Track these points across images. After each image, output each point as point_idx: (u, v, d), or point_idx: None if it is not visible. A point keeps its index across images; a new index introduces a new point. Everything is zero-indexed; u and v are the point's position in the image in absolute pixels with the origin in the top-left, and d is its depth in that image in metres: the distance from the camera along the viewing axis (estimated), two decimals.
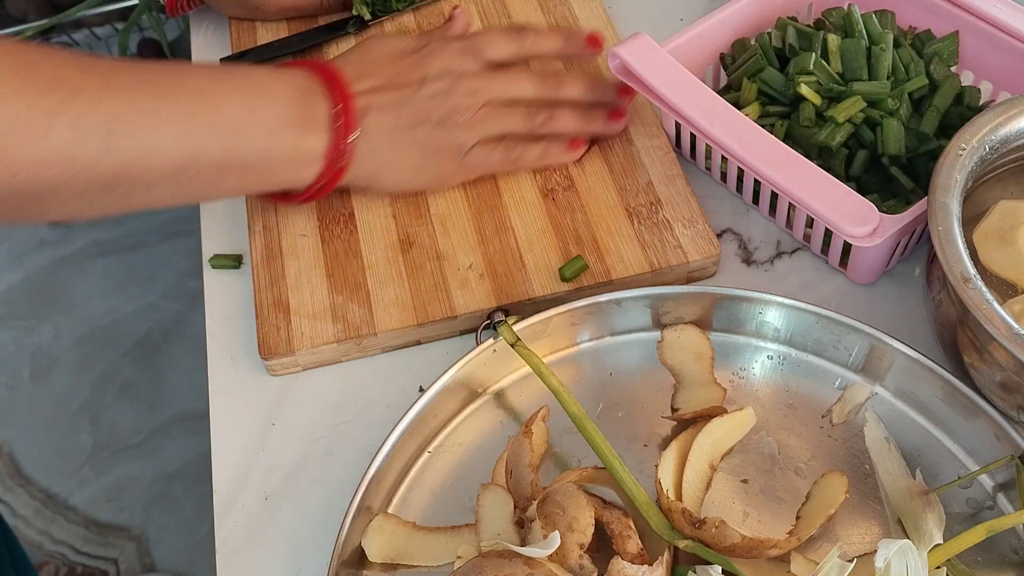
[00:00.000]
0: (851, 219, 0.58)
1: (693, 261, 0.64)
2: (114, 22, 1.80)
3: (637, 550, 0.49)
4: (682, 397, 0.59)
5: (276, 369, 0.63)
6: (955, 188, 0.55)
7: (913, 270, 0.66)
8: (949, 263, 0.52)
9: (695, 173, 0.71)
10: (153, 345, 1.78)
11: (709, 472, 0.55)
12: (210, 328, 0.66)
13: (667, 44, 0.68)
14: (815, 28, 0.70)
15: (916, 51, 0.67)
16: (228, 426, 0.61)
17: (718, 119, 0.63)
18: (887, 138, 0.63)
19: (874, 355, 0.57)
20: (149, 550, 1.55)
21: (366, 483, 0.53)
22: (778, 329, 0.60)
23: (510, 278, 0.64)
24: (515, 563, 0.47)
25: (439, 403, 0.57)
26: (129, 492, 1.61)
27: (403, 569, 0.54)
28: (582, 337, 0.62)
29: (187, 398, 1.70)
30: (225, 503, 0.58)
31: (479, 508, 0.52)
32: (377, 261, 0.66)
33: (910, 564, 0.46)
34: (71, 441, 1.67)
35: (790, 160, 0.61)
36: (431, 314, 0.63)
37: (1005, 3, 0.67)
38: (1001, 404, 0.54)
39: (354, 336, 0.62)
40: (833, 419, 0.58)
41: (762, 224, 0.69)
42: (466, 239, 0.66)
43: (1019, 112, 0.58)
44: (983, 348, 0.53)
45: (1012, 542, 0.53)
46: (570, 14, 0.80)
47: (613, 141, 0.71)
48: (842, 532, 0.54)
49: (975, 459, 0.55)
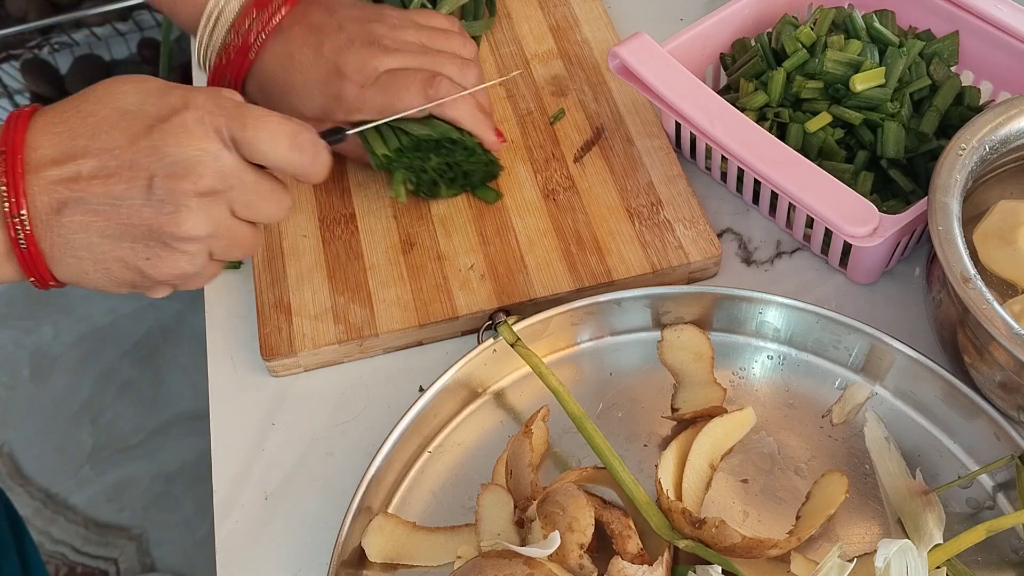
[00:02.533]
0: (851, 219, 0.58)
1: (694, 261, 0.64)
2: (114, 22, 1.80)
3: (637, 550, 0.49)
4: (682, 397, 0.59)
5: (278, 370, 0.63)
6: (955, 188, 0.55)
7: (913, 270, 0.66)
8: (949, 263, 0.52)
9: (695, 173, 0.71)
10: (153, 345, 1.78)
11: (709, 472, 0.55)
12: (210, 328, 0.66)
13: (667, 44, 0.68)
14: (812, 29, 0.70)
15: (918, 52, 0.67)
16: (228, 426, 0.61)
17: (718, 119, 0.63)
18: (886, 141, 0.64)
19: (874, 355, 0.58)
20: (149, 550, 1.55)
21: (366, 483, 0.53)
22: (778, 329, 0.60)
23: (511, 279, 0.64)
24: (515, 563, 0.47)
25: (439, 403, 0.57)
26: (129, 492, 1.60)
27: (403, 569, 0.54)
28: (582, 337, 0.62)
29: (187, 398, 1.70)
30: (225, 503, 0.58)
31: (479, 508, 0.52)
32: (378, 262, 0.66)
33: (910, 564, 0.46)
34: (71, 441, 1.67)
35: (790, 160, 0.61)
36: (432, 315, 0.63)
37: (1005, 3, 0.67)
38: (1001, 404, 0.54)
39: (356, 337, 0.62)
40: (833, 419, 0.58)
41: (762, 224, 0.69)
42: (467, 240, 0.66)
43: (1019, 112, 0.58)
44: (983, 348, 0.53)
45: (1012, 542, 0.53)
46: (570, 14, 0.80)
47: (614, 141, 0.71)
48: (842, 532, 0.54)
49: (975, 459, 0.55)
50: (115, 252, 0.49)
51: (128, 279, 0.50)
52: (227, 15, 0.63)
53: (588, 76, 0.76)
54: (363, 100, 0.62)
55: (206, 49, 0.64)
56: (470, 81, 0.65)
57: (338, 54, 0.62)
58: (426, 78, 0.62)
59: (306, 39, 0.63)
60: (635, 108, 0.73)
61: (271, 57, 0.64)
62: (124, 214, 0.48)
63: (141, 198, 0.48)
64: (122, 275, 0.50)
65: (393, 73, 0.63)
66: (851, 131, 0.66)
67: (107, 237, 0.48)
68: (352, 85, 0.62)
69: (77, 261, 0.49)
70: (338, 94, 0.62)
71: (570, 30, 0.79)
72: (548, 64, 0.77)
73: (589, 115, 0.73)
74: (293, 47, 0.63)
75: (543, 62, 0.77)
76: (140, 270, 0.50)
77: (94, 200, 0.47)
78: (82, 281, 0.50)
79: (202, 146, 0.49)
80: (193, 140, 0.48)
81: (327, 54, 0.63)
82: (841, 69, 0.65)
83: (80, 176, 0.47)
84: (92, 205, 0.48)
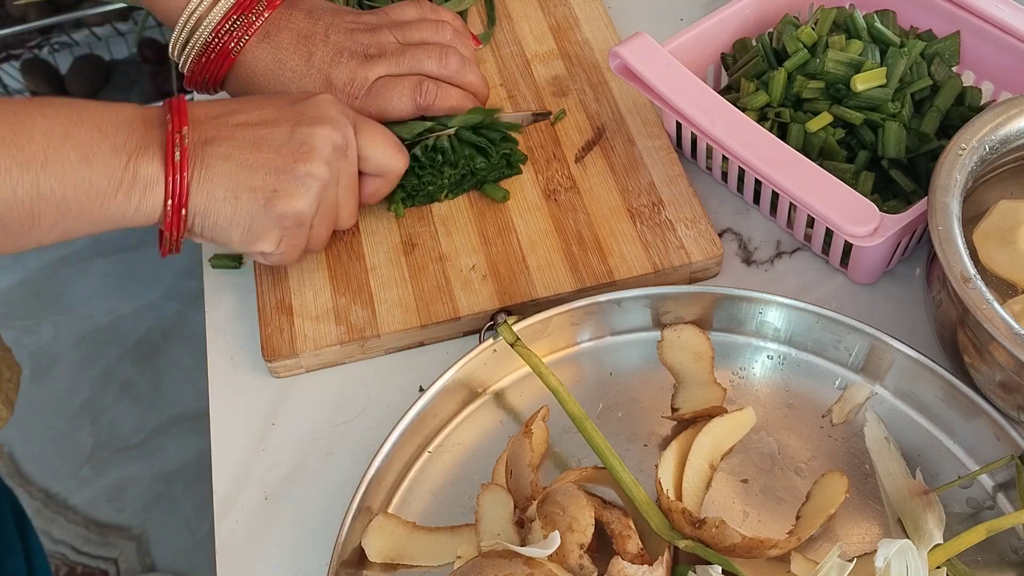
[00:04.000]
0: (852, 219, 0.58)
1: (696, 261, 0.64)
2: (114, 22, 1.80)
3: (637, 550, 0.49)
4: (682, 397, 0.59)
5: (279, 371, 0.63)
6: (955, 188, 0.55)
7: (913, 270, 0.66)
8: (949, 263, 0.52)
9: (695, 173, 0.71)
10: (153, 345, 1.78)
11: (709, 472, 0.55)
12: (210, 328, 0.66)
13: (668, 44, 0.68)
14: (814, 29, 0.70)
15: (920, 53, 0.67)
16: (228, 426, 0.61)
17: (719, 119, 0.63)
18: (887, 141, 0.64)
19: (874, 355, 0.58)
20: (149, 550, 1.55)
21: (366, 483, 0.53)
22: (778, 329, 0.60)
23: (513, 279, 0.64)
24: (515, 563, 0.47)
25: (439, 403, 0.57)
26: (129, 492, 1.60)
27: (403, 569, 0.54)
28: (582, 337, 0.62)
29: (187, 398, 1.70)
30: (225, 503, 0.58)
31: (479, 508, 0.52)
32: (380, 263, 0.66)
33: (910, 564, 0.46)
34: (71, 441, 1.67)
35: (791, 160, 0.61)
36: (434, 315, 0.63)
37: (1006, 3, 0.67)
38: (1001, 404, 0.54)
39: (357, 338, 0.62)
40: (833, 419, 0.58)
41: (762, 224, 0.69)
42: (468, 240, 0.66)
43: (1019, 112, 0.58)
44: (983, 348, 0.53)
45: (1012, 542, 0.53)
46: (570, 14, 0.80)
47: (615, 141, 0.71)
48: (842, 532, 0.54)
49: (975, 459, 0.55)
50: (249, 181, 0.55)
51: (252, 212, 0.56)
52: (211, 17, 0.64)
53: (589, 76, 0.76)
54: (357, 112, 0.64)
55: (184, 46, 0.65)
56: (452, 67, 0.68)
57: (329, 66, 0.65)
58: (413, 85, 0.66)
59: (296, 47, 0.65)
60: (636, 108, 0.73)
61: (257, 61, 0.65)
62: (265, 149, 0.56)
63: (282, 139, 0.56)
64: (248, 206, 0.56)
65: (382, 82, 0.66)
66: (852, 131, 0.66)
67: (245, 167, 0.55)
68: (345, 97, 0.66)
69: (212, 187, 0.55)
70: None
71: (570, 30, 0.79)
72: (549, 64, 0.77)
73: (590, 115, 0.73)
74: (283, 54, 0.65)
75: (544, 62, 0.77)
76: (266, 202, 0.56)
77: (240, 139, 0.56)
78: (211, 209, 0.55)
79: (337, 114, 0.59)
80: (331, 108, 0.59)
81: (317, 65, 0.65)
82: (842, 69, 0.65)
83: (231, 123, 0.56)
84: (238, 142, 0.56)
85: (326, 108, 0.59)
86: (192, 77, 0.67)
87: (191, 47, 0.65)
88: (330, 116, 0.58)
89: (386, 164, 0.62)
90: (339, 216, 0.61)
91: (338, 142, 0.58)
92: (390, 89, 0.66)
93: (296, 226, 0.58)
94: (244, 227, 0.56)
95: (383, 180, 0.63)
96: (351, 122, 0.60)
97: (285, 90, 0.66)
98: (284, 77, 0.65)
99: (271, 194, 0.56)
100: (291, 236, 0.58)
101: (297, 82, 0.65)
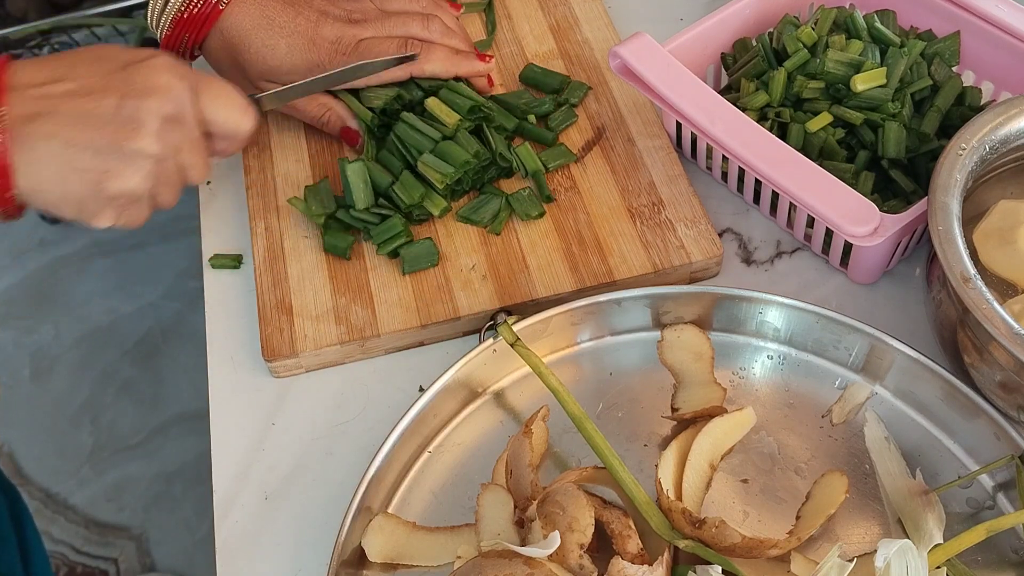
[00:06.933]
0: (852, 219, 0.58)
1: (696, 261, 0.64)
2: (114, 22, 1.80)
3: (637, 550, 0.49)
4: (682, 397, 0.59)
5: (279, 371, 0.63)
6: (955, 188, 0.55)
7: (913, 270, 0.66)
8: (949, 263, 0.52)
9: (695, 173, 0.71)
10: (153, 345, 1.78)
11: (709, 472, 0.55)
12: (210, 328, 0.66)
13: (668, 44, 0.68)
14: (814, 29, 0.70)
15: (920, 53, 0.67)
16: (228, 426, 0.61)
17: (719, 119, 0.63)
18: (887, 141, 0.64)
19: (874, 355, 0.58)
20: (149, 550, 1.55)
21: (366, 483, 0.53)
22: (778, 329, 0.60)
23: (513, 279, 0.64)
24: (515, 563, 0.47)
25: (439, 403, 0.57)
26: (129, 492, 1.60)
27: (403, 569, 0.54)
28: (582, 337, 0.62)
29: (187, 398, 1.70)
30: (225, 503, 0.58)
31: (479, 508, 0.52)
32: (380, 262, 0.66)
33: (910, 564, 0.46)
34: (71, 441, 1.67)
35: (791, 160, 0.61)
36: (434, 315, 0.63)
37: (1006, 3, 0.67)
38: (1001, 404, 0.54)
39: (357, 338, 0.62)
40: (833, 419, 0.58)
41: (762, 224, 0.69)
42: (469, 240, 0.66)
43: (1019, 112, 0.58)
44: (983, 348, 0.53)
45: (1012, 542, 0.53)
46: (570, 14, 0.80)
47: (615, 141, 0.71)
48: (842, 532, 0.54)
49: (975, 459, 0.55)
50: (76, 162, 0.52)
51: (81, 193, 0.53)
52: None
53: (589, 76, 0.76)
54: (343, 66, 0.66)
55: (166, 3, 0.66)
56: (436, 32, 0.70)
57: (316, 26, 0.67)
58: (400, 43, 0.68)
59: (282, 6, 0.67)
60: (636, 108, 0.73)
61: (244, 17, 0.66)
62: (91, 126, 0.51)
63: (109, 114, 0.52)
64: (77, 188, 0.52)
65: (369, 42, 0.68)
66: (852, 131, 0.66)
67: (71, 147, 0.51)
68: (332, 55, 0.67)
69: (38, 169, 0.51)
70: (320, 62, 0.67)
71: (570, 30, 0.79)
72: (549, 64, 0.76)
73: (590, 115, 0.73)
74: (271, 11, 0.67)
75: (544, 62, 0.77)
76: (95, 183, 0.52)
77: (64, 114, 0.51)
78: (38, 190, 0.52)
79: (170, 80, 0.54)
80: (163, 74, 0.54)
81: (303, 23, 0.67)
82: (842, 69, 0.65)
83: (54, 94, 0.52)
84: (63, 117, 0.51)
85: (157, 75, 0.54)
86: (172, 35, 0.67)
87: (172, 4, 0.65)
88: (160, 84, 0.53)
89: (232, 127, 0.58)
90: (187, 176, 0.57)
91: (169, 112, 0.53)
92: (375, 46, 0.68)
93: (131, 203, 0.55)
94: (76, 207, 0.54)
95: (230, 141, 0.59)
96: (190, 85, 0.55)
97: (273, 45, 0.66)
98: (272, 32, 0.67)
99: (101, 175, 0.52)
100: (129, 211, 0.55)
101: (286, 38, 0.67)
